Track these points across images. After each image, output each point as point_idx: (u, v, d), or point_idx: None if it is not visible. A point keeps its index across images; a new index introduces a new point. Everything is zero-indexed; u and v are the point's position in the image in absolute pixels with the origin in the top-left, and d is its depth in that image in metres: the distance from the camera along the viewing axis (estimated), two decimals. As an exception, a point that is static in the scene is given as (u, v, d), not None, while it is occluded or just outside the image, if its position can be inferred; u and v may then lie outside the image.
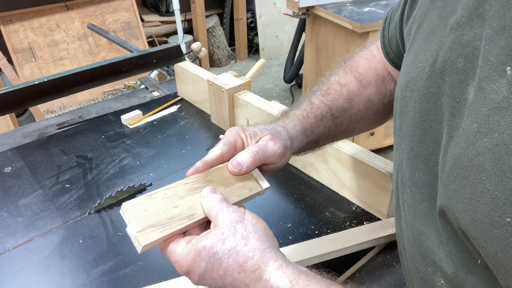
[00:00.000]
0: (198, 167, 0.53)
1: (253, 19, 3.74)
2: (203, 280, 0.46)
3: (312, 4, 2.17)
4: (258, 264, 0.44)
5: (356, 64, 0.68)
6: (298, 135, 0.60)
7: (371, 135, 2.37)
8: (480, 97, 0.35)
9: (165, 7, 3.35)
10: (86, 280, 0.68)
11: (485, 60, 0.35)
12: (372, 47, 0.71)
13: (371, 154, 0.77)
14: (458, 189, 0.36)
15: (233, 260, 0.44)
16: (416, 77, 0.45)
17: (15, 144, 1.04)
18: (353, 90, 0.66)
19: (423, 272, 0.47)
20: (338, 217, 0.78)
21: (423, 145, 0.44)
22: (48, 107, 2.57)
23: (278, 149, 0.55)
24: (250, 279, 0.44)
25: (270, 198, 0.84)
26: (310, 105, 0.64)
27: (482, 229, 0.34)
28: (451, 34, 0.40)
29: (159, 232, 0.48)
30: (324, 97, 0.65)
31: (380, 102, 0.68)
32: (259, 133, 0.56)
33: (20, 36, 2.55)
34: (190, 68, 1.13)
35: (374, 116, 0.69)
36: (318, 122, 0.63)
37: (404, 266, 0.56)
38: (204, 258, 0.45)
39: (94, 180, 0.90)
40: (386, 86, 0.68)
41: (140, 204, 0.49)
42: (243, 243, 0.45)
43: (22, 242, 0.75)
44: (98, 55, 2.81)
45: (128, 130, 1.08)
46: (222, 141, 0.55)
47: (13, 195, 0.86)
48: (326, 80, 0.68)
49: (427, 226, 0.45)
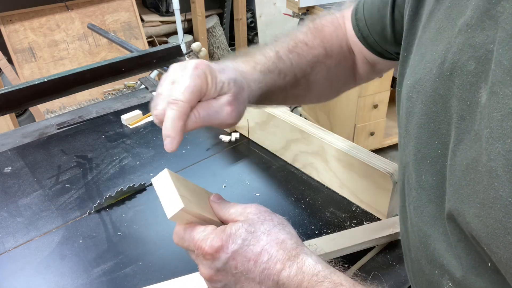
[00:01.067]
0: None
1: (253, 19, 3.74)
2: (232, 261, 0.44)
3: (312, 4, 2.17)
4: (297, 244, 0.46)
5: (325, 29, 0.65)
6: (256, 89, 0.55)
7: (371, 135, 2.37)
8: (493, 102, 0.34)
9: (165, 7, 3.35)
10: (86, 280, 0.68)
11: (498, 64, 0.34)
12: (337, 15, 0.68)
13: (371, 154, 0.77)
14: (471, 194, 0.36)
15: (274, 238, 0.45)
16: (423, 78, 0.44)
17: (15, 144, 1.04)
18: (318, 56, 0.63)
19: (429, 274, 0.47)
20: (338, 217, 0.78)
21: (430, 147, 0.43)
22: (48, 107, 2.57)
23: (231, 118, 0.49)
24: (289, 256, 0.44)
25: (270, 198, 0.84)
26: (277, 57, 0.59)
27: (495, 235, 0.34)
28: (460, 36, 0.39)
29: (196, 208, 0.46)
30: (291, 53, 0.60)
31: (336, 77, 0.66)
32: (225, 86, 0.48)
33: (20, 36, 2.55)
34: (190, 68, 1.13)
35: (328, 88, 0.67)
36: (280, 79, 0.59)
37: (408, 268, 0.55)
38: (241, 235, 0.45)
39: (94, 180, 0.90)
40: (347, 62, 0.66)
41: (179, 177, 0.48)
42: (281, 226, 0.47)
43: (22, 242, 0.75)
44: (98, 55, 2.81)
45: (128, 130, 1.08)
46: (191, 82, 0.46)
47: (13, 195, 0.86)
48: (293, 35, 0.63)
49: (434, 229, 0.44)
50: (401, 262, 0.69)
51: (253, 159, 0.95)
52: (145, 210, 0.82)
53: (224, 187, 0.87)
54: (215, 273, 0.46)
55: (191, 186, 0.51)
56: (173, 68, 0.49)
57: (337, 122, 2.47)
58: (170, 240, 0.74)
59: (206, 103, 0.48)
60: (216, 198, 0.52)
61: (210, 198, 0.52)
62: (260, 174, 0.91)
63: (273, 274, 0.44)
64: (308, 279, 0.43)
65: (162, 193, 0.46)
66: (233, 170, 0.92)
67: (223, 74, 0.49)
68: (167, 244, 0.74)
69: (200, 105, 0.47)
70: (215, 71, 0.48)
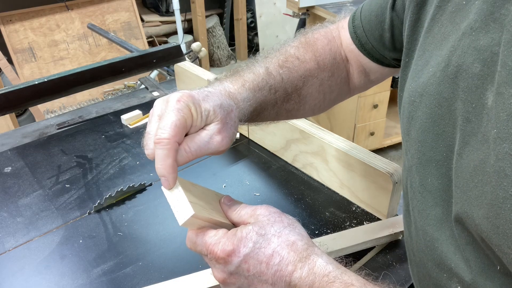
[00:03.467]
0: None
1: (253, 19, 3.74)
2: (244, 264, 0.45)
3: (312, 4, 2.17)
4: (308, 245, 0.46)
5: (317, 43, 0.64)
6: (247, 107, 0.54)
7: (371, 135, 2.37)
8: (499, 103, 0.34)
9: (165, 7, 3.35)
10: (86, 280, 0.68)
11: (503, 65, 0.34)
12: (331, 27, 0.68)
13: (371, 154, 0.77)
14: (479, 195, 0.36)
15: (284, 240, 0.45)
16: (427, 82, 0.44)
17: (15, 144, 1.04)
18: (310, 70, 0.62)
19: (436, 278, 0.46)
20: (338, 217, 0.78)
21: (435, 150, 0.43)
22: (48, 107, 2.57)
23: (222, 146, 0.48)
24: (300, 257, 0.44)
25: (270, 198, 0.84)
26: (267, 74, 0.58)
27: (506, 236, 0.33)
28: (464, 39, 0.39)
29: (207, 213, 0.46)
30: (281, 69, 0.59)
31: (330, 88, 0.65)
32: (211, 114, 0.48)
33: (20, 36, 2.55)
34: (190, 68, 1.13)
35: (322, 101, 0.66)
36: (271, 95, 0.58)
37: (413, 272, 0.55)
38: (252, 238, 0.45)
39: (94, 180, 0.90)
40: (341, 73, 0.66)
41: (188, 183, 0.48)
42: (292, 227, 0.47)
43: (22, 242, 0.75)
44: (98, 55, 2.81)
45: (128, 130, 1.08)
46: (174, 117, 0.45)
47: (13, 195, 0.86)
48: (284, 50, 0.63)
49: (441, 232, 0.44)
50: (401, 262, 0.69)
51: (253, 159, 0.95)
52: (145, 210, 0.82)
53: (224, 187, 0.87)
54: (228, 276, 0.46)
55: (200, 190, 0.50)
56: (157, 103, 0.48)
57: (337, 122, 2.47)
58: (170, 240, 0.74)
59: (195, 136, 0.47)
60: (227, 200, 0.52)
61: (221, 201, 0.52)
62: (260, 174, 0.91)
63: (285, 276, 0.44)
64: (320, 279, 0.43)
65: (172, 200, 0.46)
66: (233, 170, 0.92)
67: (207, 102, 0.48)
68: (167, 244, 0.74)
69: (189, 139, 0.46)
70: (198, 101, 0.47)
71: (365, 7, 0.63)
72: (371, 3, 0.62)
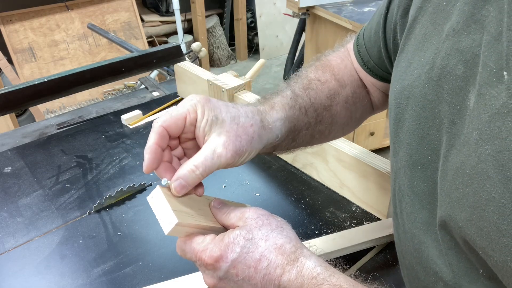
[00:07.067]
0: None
1: (253, 19, 3.74)
2: (233, 269, 0.45)
3: (312, 4, 2.17)
4: (296, 248, 0.45)
5: (332, 63, 0.65)
6: (279, 126, 0.54)
7: (371, 135, 2.37)
8: (480, 104, 0.34)
9: (165, 7, 3.35)
10: (86, 280, 0.68)
11: (484, 66, 0.34)
12: (341, 50, 0.68)
13: (371, 154, 0.77)
14: (461, 197, 0.36)
15: (272, 243, 0.45)
16: (412, 84, 0.44)
17: (15, 144, 1.04)
18: (333, 89, 0.62)
19: (424, 281, 0.47)
20: (338, 217, 0.78)
21: (421, 153, 0.43)
22: (48, 107, 2.57)
23: (227, 160, 0.47)
24: (288, 260, 0.44)
25: (270, 198, 0.84)
26: (295, 95, 0.58)
27: (490, 238, 0.33)
28: (447, 41, 0.39)
29: (192, 219, 0.46)
30: (306, 91, 0.60)
31: (354, 106, 0.65)
32: (218, 122, 0.48)
33: (20, 36, 2.55)
34: (190, 68, 1.13)
35: (349, 119, 0.66)
36: (303, 115, 0.57)
37: (404, 273, 0.55)
38: (239, 243, 0.45)
39: (94, 180, 0.90)
40: (361, 90, 0.66)
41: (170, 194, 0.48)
42: (279, 230, 0.46)
43: (22, 242, 0.75)
44: (98, 55, 2.81)
45: (128, 130, 1.08)
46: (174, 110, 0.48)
47: (13, 195, 0.86)
48: (304, 76, 0.63)
49: (427, 235, 0.44)
50: (401, 262, 0.69)
51: (253, 159, 0.95)
52: (145, 210, 0.82)
53: (224, 187, 0.87)
54: (218, 281, 0.46)
55: (188, 196, 0.50)
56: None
57: (337, 122, 2.47)
58: (170, 240, 0.74)
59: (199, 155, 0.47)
60: (217, 204, 0.51)
61: (211, 204, 0.52)
62: (260, 174, 0.91)
63: (273, 279, 0.44)
64: (308, 282, 0.43)
65: (157, 210, 0.46)
66: (233, 170, 0.92)
67: (221, 110, 0.48)
68: (167, 244, 0.74)
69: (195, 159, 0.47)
70: (211, 106, 0.48)
71: (368, 25, 0.63)
72: (372, 20, 0.62)
